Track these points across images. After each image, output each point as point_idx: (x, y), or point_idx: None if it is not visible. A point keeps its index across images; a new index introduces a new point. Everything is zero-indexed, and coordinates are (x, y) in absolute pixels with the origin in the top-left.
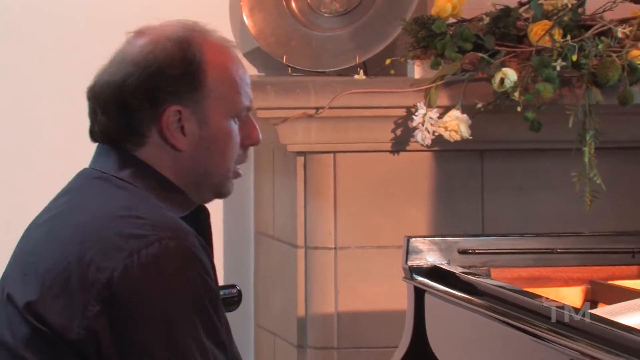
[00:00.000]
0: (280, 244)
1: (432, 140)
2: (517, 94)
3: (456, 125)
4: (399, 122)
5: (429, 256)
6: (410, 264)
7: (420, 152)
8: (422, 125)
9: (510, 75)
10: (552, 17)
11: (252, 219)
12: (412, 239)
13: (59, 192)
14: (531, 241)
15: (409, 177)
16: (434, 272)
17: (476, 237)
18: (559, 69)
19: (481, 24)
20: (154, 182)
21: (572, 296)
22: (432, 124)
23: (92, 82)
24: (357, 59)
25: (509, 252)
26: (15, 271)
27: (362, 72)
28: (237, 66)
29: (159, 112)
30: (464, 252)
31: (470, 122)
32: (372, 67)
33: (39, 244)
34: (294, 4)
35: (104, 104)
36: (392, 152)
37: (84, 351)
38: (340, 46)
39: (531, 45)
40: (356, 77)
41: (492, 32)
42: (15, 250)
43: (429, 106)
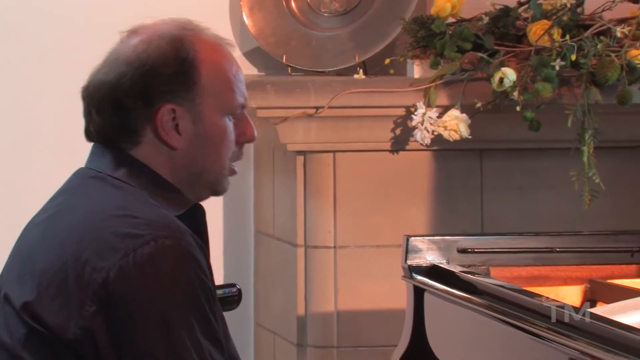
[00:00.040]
0: (280, 243)
1: (432, 139)
2: (516, 94)
3: (455, 124)
4: (399, 121)
5: (429, 255)
6: (409, 263)
7: (419, 151)
8: (422, 124)
9: (509, 74)
10: (551, 17)
11: (252, 218)
12: (412, 238)
13: (56, 192)
14: (530, 240)
15: (408, 177)
16: (434, 271)
17: (475, 236)
18: (558, 68)
19: (480, 23)
20: (150, 181)
21: (571, 295)
22: (431, 124)
23: (87, 82)
24: (357, 58)
25: (508, 251)
26: (12, 271)
27: (361, 71)
28: (231, 64)
29: (153, 111)
30: (463, 251)
31: (469, 121)
32: (372, 67)
33: (35, 244)
34: (293, 4)
35: (98, 104)
36: (392, 151)
37: (81, 351)
38: (339, 46)
39: (530, 44)
40: (356, 76)
41: (491, 32)
42: (12, 250)
43: (429, 106)
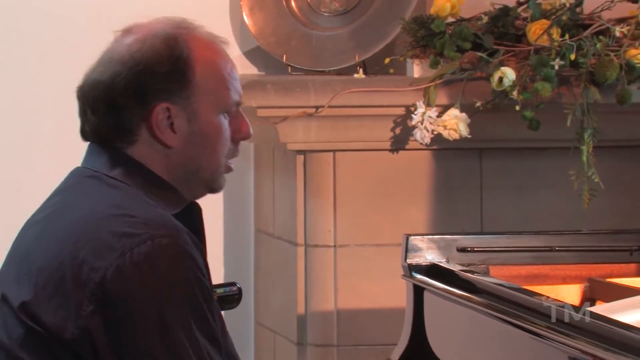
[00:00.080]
0: (280, 242)
1: (431, 139)
2: (515, 93)
3: (455, 124)
4: (398, 120)
5: (428, 254)
6: (409, 261)
7: (419, 150)
8: (421, 124)
9: (508, 74)
10: (551, 17)
11: (252, 217)
12: (412, 237)
13: (53, 191)
14: (530, 239)
15: (408, 176)
16: (433, 270)
17: (475, 235)
18: (557, 68)
19: (480, 23)
20: (145, 180)
21: (571, 294)
22: (431, 123)
23: (82, 82)
24: (357, 58)
25: (508, 250)
26: (10, 271)
27: (361, 71)
28: (225, 61)
29: (148, 110)
30: (462, 250)
31: (469, 120)
32: (372, 66)
33: (32, 243)
34: (293, 4)
35: (93, 103)
36: (392, 150)
37: (79, 351)
38: (339, 45)
39: (529, 44)
40: (356, 76)
41: (490, 32)
42: (10, 250)
43: (428, 105)
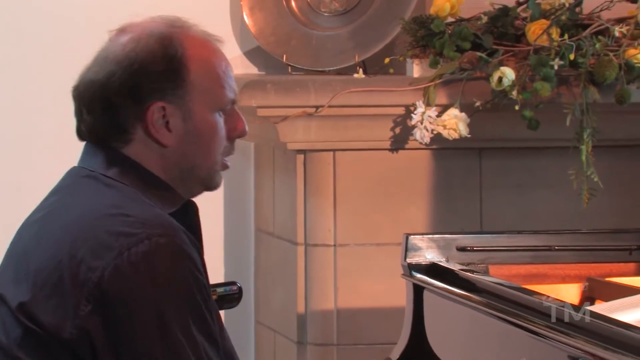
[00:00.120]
0: (280, 241)
1: (431, 138)
2: (515, 93)
3: (455, 123)
4: (398, 120)
5: (428, 253)
6: (409, 261)
7: (419, 150)
8: (421, 123)
9: (508, 74)
10: (550, 17)
11: (252, 216)
12: (411, 236)
13: (50, 191)
14: (529, 238)
15: (407, 175)
16: (433, 269)
17: (474, 234)
18: (556, 67)
19: (479, 23)
20: (142, 179)
21: (570, 293)
22: (430, 123)
23: (77, 82)
24: (357, 58)
25: (507, 250)
26: (7, 272)
27: (361, 71)
28: (220, 60)
29: (143, 109)
30: (462, 249)
31: (468, 120)
32: (372, 66)
33: (30, 243)
34: (293, 4)
35: (88, 103)
36: (391, 150)
37: (78, 351)
38: (339, 45)
39: (529, 44)
40: (355, 76)
41: (490, 31)
42: (7, 250)
43: (428, 105)
